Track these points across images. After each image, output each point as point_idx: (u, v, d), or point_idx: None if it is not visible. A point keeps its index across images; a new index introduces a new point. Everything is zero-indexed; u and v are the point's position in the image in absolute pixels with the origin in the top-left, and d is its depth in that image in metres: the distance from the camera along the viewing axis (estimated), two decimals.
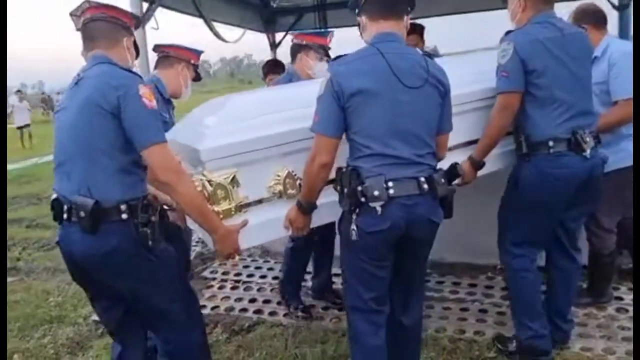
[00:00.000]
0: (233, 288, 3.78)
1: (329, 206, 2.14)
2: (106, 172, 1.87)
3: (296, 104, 2.18)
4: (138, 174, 1.95)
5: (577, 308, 2.97)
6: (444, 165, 2.18)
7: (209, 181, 2.01)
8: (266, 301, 3.53)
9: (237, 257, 2.26)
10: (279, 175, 2.13)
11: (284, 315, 3.31)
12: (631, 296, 3.12)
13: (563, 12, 2.74)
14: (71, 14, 2.07)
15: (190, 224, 2.27)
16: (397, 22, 2.05)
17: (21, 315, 3.53)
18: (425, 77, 1.96)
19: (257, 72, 4.35)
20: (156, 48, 2.85)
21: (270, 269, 4.05)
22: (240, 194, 2.07)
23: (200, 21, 4.88)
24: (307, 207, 2.09)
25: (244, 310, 3.43)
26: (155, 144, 1.85)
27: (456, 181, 2.39)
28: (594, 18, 2.86)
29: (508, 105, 2.40)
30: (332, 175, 2.07)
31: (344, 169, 2.01)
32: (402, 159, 1.94)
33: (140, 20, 2.22)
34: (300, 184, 2.14)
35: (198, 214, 1.95)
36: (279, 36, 6.76)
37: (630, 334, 2.77)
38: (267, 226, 2.15)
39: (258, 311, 3.40)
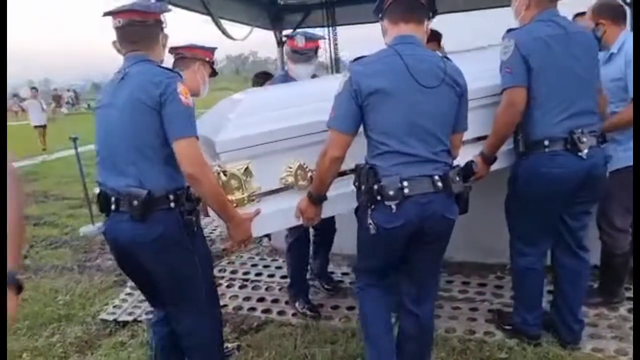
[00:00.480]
0: (241, 287, 3.78)
1: (340, 198, 2.24)
2: (154, 164, 2.02)
3: (309, 100, 2.26)
4: None
5: (587, 308, 2.95)
6: (462, 161, 2.21)
7: (223, 171, 2.14)
8: (274, 300, 3.53)
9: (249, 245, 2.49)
10: (290, 167, 2.24)
11: (293, 314, 3.30)
12: None
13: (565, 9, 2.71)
14: (106, 14, 2.14)
15: (211, 212, 2.37)
16: (417, 25, 2.10)
17: (30, 313, 3.54)
18: (442, 77, 2.01)
19: (263, 69, 4.34)
20: (172, 50, 2.89)
21: (278, 267, 4.04)
22: (253, 184, 2.18)
23: (208, 18, 4.88)
24: (317, 198, 2.19)
25: (253, 309, 3.42)
26: (184, 137, 1.95)
27: None
28: (613, 13, 2.82)
29: (513, 100, 2.40)
30: (343, 167, 2.14)
31: (362, 166, 2.07)
32: (417, 157, 2.00)
33: (169, 10, 2.26)
34: (311, 176, 2.24)
35: (217, 205, 2.06)
36: (286, 34, 6.74)
37: None
38: (279, 215, 2.26)
39: (266, 310, 3.39)
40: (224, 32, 5.11)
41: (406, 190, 1.97)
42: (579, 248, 2.65)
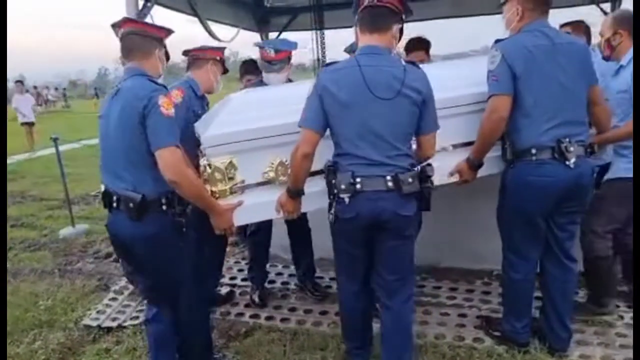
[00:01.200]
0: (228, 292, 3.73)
1: (319, 194, 2.39)
2: (144, 170, 2.21)
3: (291, 102, 2.40)
4: None
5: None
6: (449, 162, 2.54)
7: (208, 164, 2.37)
8: (262, 305, 3.49)
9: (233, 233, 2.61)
10: (272, 163, 2.43)
11: (281, 320, 3.28)
12: (627, 303, 3.14)
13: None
14: (112, 26, 2.39)
15: None
16: (381, 35, 2.26)
17: (10, 318, 3.43)
18: (399, 89, 2.19)
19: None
20: (185, 53, 3.17)
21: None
22: (237, 178, 2.40)
23: (193, 19, 4.83)
24: (294, 193, 2.37)
25: (240, 314, 3.39)
26: (164, 147, 2.14)
27: (454, 179, 2.63)
28: (630, 24, 2.79)
29: (496, 107, 2.45)
30: (320, 166, 2.34)
31: (327, 164, 2.30)
32: (370, 160, 2.21)
33: (172, 32, 2.49)
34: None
35: (198, 201, 2.28)
36: (272, 36, 6.72)
37: (628, 341, 2.79)
38: (260, 207, 2.46)
39: (254, 316, 3.36)
40: (210, 33, 5.07)
41: (358, 186, 2.21)
42: (567, 258, 2.67)
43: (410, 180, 2.22)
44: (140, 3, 3.74)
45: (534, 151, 2.44)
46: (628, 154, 2.76)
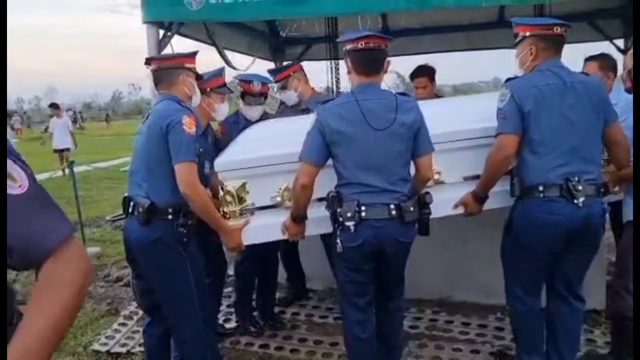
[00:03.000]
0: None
1: (323, 220, 2.51)
2: (161, 181, 2.47)
3: (298, 133, 2.51)
4: None
5: None
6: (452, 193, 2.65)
7: (222, 187, 2.64)
8: (272, 336, 3.47)
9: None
10: (280, 188, 2.63)
11: (291, 351, 3.25)
12: None
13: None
14: (145, 64, 2.74)
15: None
16: (378, 75, 2.47)
17: None
18: (393, 118, 2.37)
19: None
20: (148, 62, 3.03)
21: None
22: (247, 200, 2.64)
23: (213, 48, 4.92)
24: (297, 218, 2.52)
25: (250, 344, 3.36)
26: (182, 161, 2.39)
27: (459, 211, 2.69)
28: None
29: (503, 145, 2.48)
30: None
31: (331, 193, 2.43)
32: (374, 187, 2.36)
33: (195, 53, 2.78)
34: None
35: (207, 217, 2.52)
36: (240, 76, 6.85)
37: None
38: (267, 229, 2.65)
39: (264, 346, 3.34)
40: (227, 62, 5.14)
41: (363, 214, 2.34)
42: (574, 298, 2.61)
43: (411, 208, 2.38)
44: (161, 32, 3.82)
45: (541, 188, 2.43)
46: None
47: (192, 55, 2.74)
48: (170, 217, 2.47)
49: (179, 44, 4.03)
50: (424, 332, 3.41)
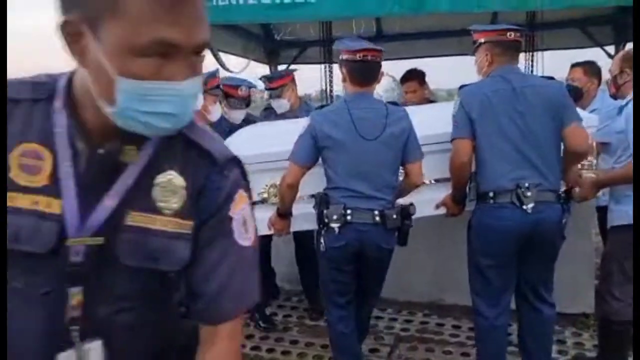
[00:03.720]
0: None
1: (308, 216, 2.62)
2: None
3: (286, 135, 2.65)
4: None
5: None
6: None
7: None
8: (254, 348, 3.47)
9: None
10: (266, 185, 2.76)
11: (282, 353, 3.26)
12: None
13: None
14: None
15: None
16: (370, 86, 2.57)
17: None
18: (384, 127, 2.46)
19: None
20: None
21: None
22: None
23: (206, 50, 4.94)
24: (283, 214, 2.65)
25: (241, 346, 3.35)
26: None
27: (440, 211, 2.79)
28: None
29: (457, 151, 2.53)
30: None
31: (319, 194, 2.51)
32: (361, 193, 2.44)
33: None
34: None
35: None
36: (281, 68, 6.86)
37: None
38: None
39: (255, 347, 3.34)
40: (221, 63, 5.15)
41: (348, 217, 2.42)
42: (541, 303, 2.60)
43: (394, 216, 2.47)
44: None
45: (492, 194, 2.46)
46: (622, 200, 2.63)
47: None
48: None
49: None
50: (415, 335, 3.43)
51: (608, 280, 2.72)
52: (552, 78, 2.74)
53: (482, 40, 2.60)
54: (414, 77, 4.22)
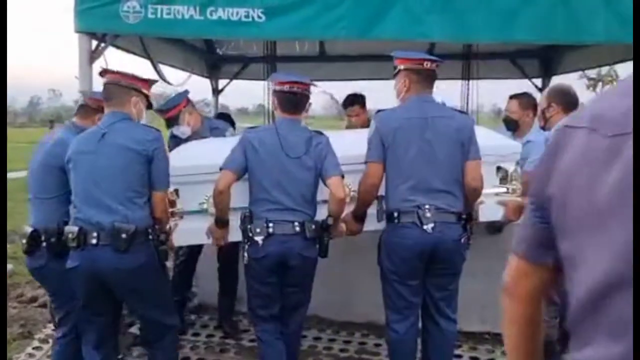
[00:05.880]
0: None
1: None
2: (139, 203, 2.50)
3: (225, 149, 2.75)
4: None
5: None
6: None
7: None
8: None
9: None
10: (206, 196, 2.82)
11: None
12: None
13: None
14: (99, 74, 2.71)
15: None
16: (297, 115, 2.77)
17: None
18: (305, 150, 2.66)
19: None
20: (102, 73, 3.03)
21: (204, 326, 3.88)
22: (178, 205, 2.88)
23: (147, 62, 4.80)
24: (220, 222, 2.74)
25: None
26: (162, 190, 2.58)
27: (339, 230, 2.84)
28: (564, 100, 2.95)
29: (369, 173, 2.69)
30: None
31: (244, 212, 2.67)
32: (282, 206, 2.61)
33: (154, 82, 2.82)
34: None
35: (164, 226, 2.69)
36: (222, 83, 6.82)
37: None
38: (194, 232, 2.93)
39: None
40: (162, 77, 5.03)
41: (271, 230, 2.58)
42: (443, 317, 2.76)
43: (313, 227, 2.64)
44: (94, 43, 3.68)
45: (396, 214, 2.63)
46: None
47: (150, 83, 2.76)
48: (150, 237, 2.51)
49: (111, 56, 3.91)
50: (354, 356, 3.45)
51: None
52: (464, 112, 2.93)
53: (402, 67, 2.74)
54: (356, 102, 4.32)
